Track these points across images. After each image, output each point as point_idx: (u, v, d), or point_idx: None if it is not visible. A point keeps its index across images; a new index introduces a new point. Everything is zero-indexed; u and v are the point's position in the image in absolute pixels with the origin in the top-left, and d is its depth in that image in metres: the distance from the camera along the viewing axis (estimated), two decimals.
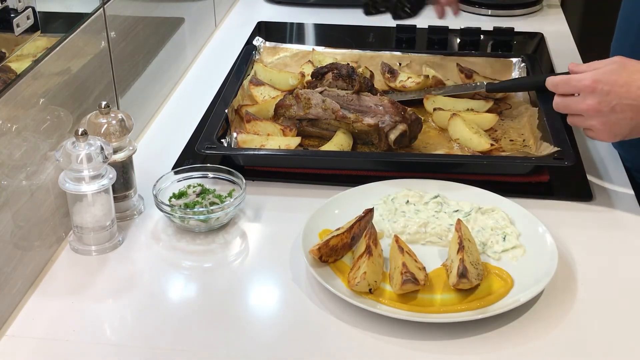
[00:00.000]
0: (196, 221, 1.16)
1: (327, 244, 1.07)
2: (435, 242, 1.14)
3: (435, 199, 1.21)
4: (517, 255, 1.10)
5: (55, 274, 1.10)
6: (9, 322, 1.01)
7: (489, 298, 1.02)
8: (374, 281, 1.02)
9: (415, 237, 1.14)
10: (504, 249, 1.11)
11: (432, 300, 1.02)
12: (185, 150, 1.39)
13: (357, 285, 1.01)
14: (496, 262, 1.10)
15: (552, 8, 2.11)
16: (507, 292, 1.03)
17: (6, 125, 1.00)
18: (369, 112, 1.36)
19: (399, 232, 1.14)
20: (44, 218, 1.10)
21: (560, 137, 1.30)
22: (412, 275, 1.00)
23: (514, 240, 1.12)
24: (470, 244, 1.07)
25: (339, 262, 1.09)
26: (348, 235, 1.09)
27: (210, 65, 1.76)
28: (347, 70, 1.46)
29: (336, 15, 2.05)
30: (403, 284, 1.00)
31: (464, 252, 1.04)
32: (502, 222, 1.15)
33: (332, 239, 1.08)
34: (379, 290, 1.03)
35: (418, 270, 1.04)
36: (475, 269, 1.04)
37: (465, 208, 1.19)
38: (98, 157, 1.07)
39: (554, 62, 1.76)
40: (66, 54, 1.15)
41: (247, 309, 1.05)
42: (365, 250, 1.04)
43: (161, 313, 1.03)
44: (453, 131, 1.39)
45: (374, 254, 1.04)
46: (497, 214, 1.17)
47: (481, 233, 1.14)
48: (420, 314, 0.99)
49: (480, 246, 1.11)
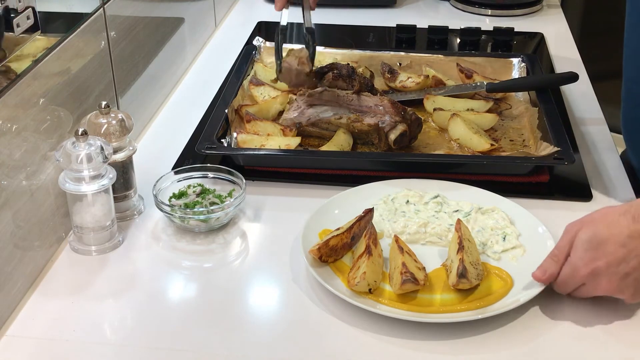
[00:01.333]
0: (196, 221, 1.16)
1: (327, 244, 1.07)
2: (435, 242, 1.14)
3: (435, 199, 1.21)
4: (517, 256, 1.10)
5: (55, 274, 1.10)
6: (9, 322, 1.01)
7: (489, 298, 1.02)
8: (373, 281, 1.02)
9: (415, 237, 1.14)
10: (504, 249, 1.11)
11: (431, 300, 1.02)
12: (185, 150, 1.39)
13: (356, 285, 1.01)
14: (496, 262, 1.10)
15: (552, 8, 2.11)
16: (507, 292, 1.03)
17: (6, 125, 1.00)
18: (369, 112, 1.36)
19: (399, 232, 1.14)
20: (44, 218, 1.10)
21: (560, 137, 1.30)
22: (411, 275, 1.00)
23: (514, 240, 1.12)
24: (470, 244, 1.07)
25: (338, 262, 1.08)
26: (348, 235, 1.09)
27: (210, 65, 1.76)
28: (347, 70, 1.46)
29: (336, 15, 2.05)
30: (403, 283, 1.00)
31: (464, 252, 1.04)
32: (502, 222, 1.15)
33: (331, 238, 1.08)
34: (378, 290, 1.03)
35: (418, 270, 1.04)
36: (475, 269, 1.04)
37: (465, 208, 1.19)
38: (98, 157, 1.07)
39: (554, 62, 1.76)
40: (66, 54, 1.15)
41: (247, 309, 1.05)
42: (365, 250, 1.04)
43: (161, 313, 1.03)
44: (453, 131, 1.39)
45: (374, 254, 1.04)
46: (497, 214, 1.17)
47: (481, 233, 1.14)
48: (420, 314, 0.99)
49: (480, 246, 1.11)
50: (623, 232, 0.97)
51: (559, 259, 1.01)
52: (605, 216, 1.00)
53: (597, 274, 0.98)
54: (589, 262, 0.98)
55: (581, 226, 1.01)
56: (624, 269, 0.97)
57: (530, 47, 1.87)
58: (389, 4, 2.10)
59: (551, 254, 1.03)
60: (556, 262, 1.02)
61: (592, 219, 1.01)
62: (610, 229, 0.98)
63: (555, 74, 1.65)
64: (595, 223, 1.00)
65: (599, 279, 0.98)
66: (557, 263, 1.01)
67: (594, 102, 1.58)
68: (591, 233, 0.98)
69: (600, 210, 1.02)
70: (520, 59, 1.63)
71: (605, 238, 0.97)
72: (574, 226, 1.02)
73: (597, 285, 0.99)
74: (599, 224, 0.99)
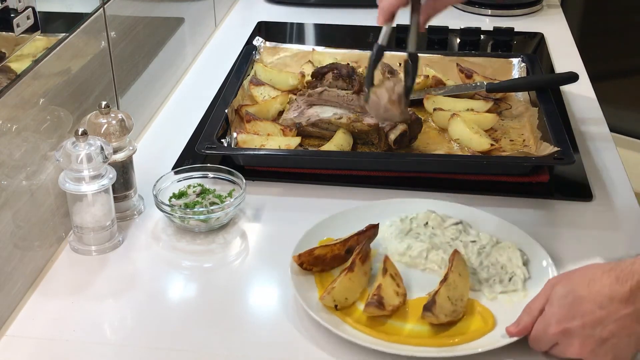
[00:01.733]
0: (196, 221, 1.16)
1: (311, 253, 1.05)
2: (435, 270, 1.08)
3: (457, 226, 1.15)
4: (515, 300, 1.03)
5: (55, 274, 1.10)
6: (9, 322, 1.01)
7: (460, 337, 0.96)
8: (344, 298, 1.00)
9: (415, 262, 1.10)
10: (505, 290, 1.04)
11: (400, 329, 0.98)
12: (185, 150, 1.39)
13: (323, 299, 1.00)
14: (489, 302, 1.03)
15: (552, 8, 2.11)
16: (482, 335, 0.97)
17: (6, 125, 1.00)
18: (369, 112, 1.36)
19: (401, 253, 1.10)
20: (44, 218, 1.10)
21: (560, 137, 1.30)
22: (378, 300, 0.97)
23: (519, 283, 1.05)
24: (460, 278, 1.02)
25: (326, 273, 1.06)
26: (342, 248, 1.07)
27: (210, 65, 1.76)
28: (347, 70, 1.46)
29: (336, 15, 2.05)
30: (366, 306, 0.98)
31: (445, 284, 0.99)
32: (514, 261, 1.08)
33: (318, 248, 1.06)
34: (351, 308, 1.00)
35: (395, 295, 0.99)
36: (453, 304, 0.98)
37: (483, 240, 1.12)
38: (98, 157, 1.07)
39: (554, 62, 1.76)
40: (66, 54, 1.15)
41: (247, 309, 1.05)
42: (348, 266, 1.02)
43: (161, 313, 1.03)
44: (453, 131, 1.39)
45: (357, 271, 1.01)
46: (513, 252, 1.09)
47: (488, 269, 1.08)
48: (378, 341, 0.95)
49: (480, 282, 1.06)
50: (603, 292, 0.88)
51: (532, 313, 0.94)
52: (587, 272, 0.92)
53: (569, 334, 0.90)
54: (561, 320, 0.90)
55: (560, 279, 0.94)
56: (600, 333, 0.89)
57: (530, 47, 1.87)
58: None
59: (526, 307, 0.96)
60: (529, 314, 0.95)
61: (572, 274, 0.94)
62: (590, 287, 0.90)
63: (555, 74, 1.65)
64: (575, 278, 0.92)
65: (572, 340, 0.90)
66: (530, 316, 0.94)
67: (594, 102, 1.58)
68: (569, 288, 0.91)
69: (585, 266, 0.94)
70: (520, 59, 1.63)
71: (582, 296, 0.90)
72: (555, 279, 0.96)
73: (569, 347, 0.91)
74: (579, 279, 0.92)
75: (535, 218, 1.21)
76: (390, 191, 1.27)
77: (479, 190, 1.27)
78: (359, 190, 1.28)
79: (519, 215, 1.21)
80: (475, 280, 1.06)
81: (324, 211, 1.19)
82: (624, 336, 0.88)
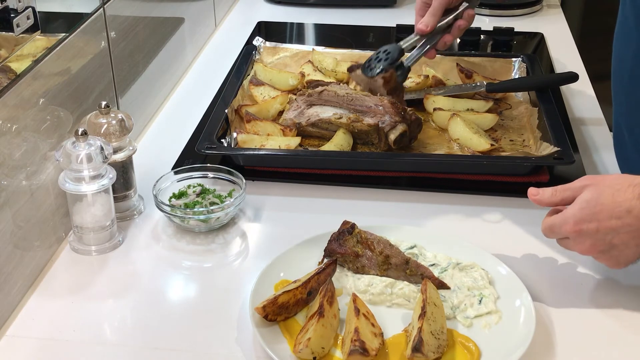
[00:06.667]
0: (196, 221, 1.16)
1: (275, 302, 0.97)
2: (403, 304, 1.02)
3: (411, 250, 1.09)
4: (491, 323, 0.98)
5: (55, 274, 1.10)
6: (9, 322, 1.01)
7: None
8: (320, 348, 0.92)
9: (380, 299, 1.02)
10: (478, 314, 1.00)
11: None
12: (185, 150, 1.39)
13: (299, 353, 0.91)
14: (466, 329, 0.98)
15: (552, 8, 2.11)
16: None
17: (6, 125, 1.00)
18: (369, 112, 1.36)
19: (362, 290, 1.03)
20: (44, 218, 1.10)
21: (560, 137, 1.30)
22: (361, 345, 0.90)
23: (491, 304, 1.00)
24: (436, 308, 0.96)
25: (291, 320, 0.98)
26: (303, 291, 0.99)
27: (210, 65, 1.76)
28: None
29: (336, 15, 2.05)
30: (350, 354, 0.90)
31: (425, 319, 0.93)
32: (480, 282, 1.03)
33: (281, 295, 0.97)
34: (328, 356, 0.93)
35: (373, 337, 0.93)
36: (437, 339, 0.93)
37: (442, 263, 1.07)
38: (98, 157, 1.08)
39: (554, 62, 1.77)
40: (66, 54, 1.15)
41: (247, 309, 1.05)
42: (317, 311, 0.94)
43: (161, 313, 1.03)
44: (453, 131, 1.39)
45: (327, 315, 0.94)
46: (477, 272, 1.05)
47: (456, 294, 1.03)
48: None
49: (452, 310, 1.01)
50: (624, 205, 0.96)
51: (556, 198, 1.02)
52: (616, 181, 0.99)
53: (583, 234, 0.98)
54: (579, 222, 0.98)
55: (592, 183, 1.00)
56: (611, 239, 0.97)
57: (530, 47, 1.87)
58: (389, 4, 2.10)
59: (554, 188, 1.03)
60: (553, 196, 1.03)
61: (603, 180, 1.00)
62: (613, 197, 0.97)
63: (555, 74, 1.65)
64: (604, 186, 0.98)
65: (584, 239, 0.98)
66: (553, 198, 1.03)
67: (594, 102, 1.58)
68: (595, 195, 0.98)
69: (617, 175, 1.02)
70: (520, 59, 1.63)
71: (604, 204, 0.97)
72: (587, 179, 1.01)
73: (581, 245, 0.99)
74: (606, 189, 0.98)
75: (535, 218, 1.21)
76: (390, 191, 1.28)
77: (478, 190, 1.27)
78: (359, 190, 1.28)
79: (518, 215, 1.21)
80: (448, 307, 1.01)
81: (324, 211, 1.19)
82: (632, 245, 0.97)
